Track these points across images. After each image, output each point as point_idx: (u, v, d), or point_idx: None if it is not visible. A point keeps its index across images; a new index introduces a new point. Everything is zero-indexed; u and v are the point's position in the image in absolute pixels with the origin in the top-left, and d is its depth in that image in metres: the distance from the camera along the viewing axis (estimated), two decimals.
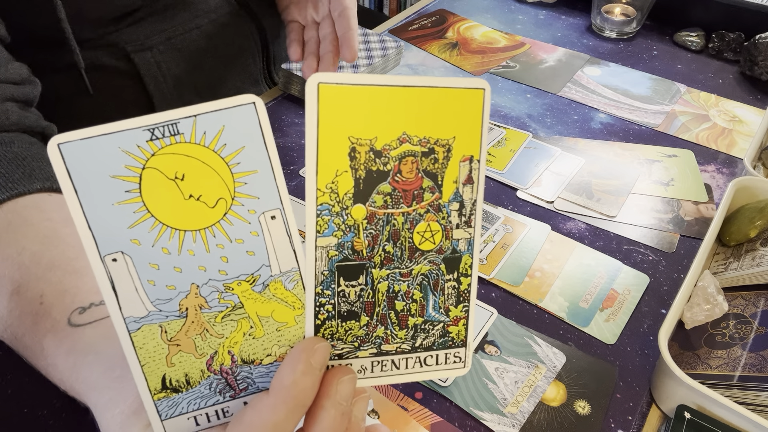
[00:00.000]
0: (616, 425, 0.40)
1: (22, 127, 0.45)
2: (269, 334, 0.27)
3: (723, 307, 0.44)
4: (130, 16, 0.61)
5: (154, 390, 0.26)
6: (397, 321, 0.29)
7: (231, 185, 0.25)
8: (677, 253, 0.53)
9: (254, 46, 0.73)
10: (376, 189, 0.27)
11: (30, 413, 0.40)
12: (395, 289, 0.28)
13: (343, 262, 0.27)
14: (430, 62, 0.80)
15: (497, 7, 0.94)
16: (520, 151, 0.64)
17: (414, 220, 0.28)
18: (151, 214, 0.24)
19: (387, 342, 0.29)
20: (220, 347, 0.27)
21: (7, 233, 0.37)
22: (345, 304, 0.28)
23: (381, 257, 0.28)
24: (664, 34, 0.87)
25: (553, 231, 0.55)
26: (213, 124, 0.24)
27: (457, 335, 0.30)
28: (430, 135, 0.27)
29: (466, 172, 0.28)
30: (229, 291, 0.26)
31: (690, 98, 0.74)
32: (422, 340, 0.29)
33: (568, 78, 0.77)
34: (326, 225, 0.26)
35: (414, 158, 0.27)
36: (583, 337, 0.46)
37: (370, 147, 0.26)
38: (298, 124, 0.67)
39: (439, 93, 0.26)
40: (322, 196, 0.26)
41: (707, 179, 0.62)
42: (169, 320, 0.26)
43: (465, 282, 0.29)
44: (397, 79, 0.26)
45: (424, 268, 0.28)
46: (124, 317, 0.25)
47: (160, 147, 0.24)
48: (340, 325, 0.28)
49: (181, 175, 0.24)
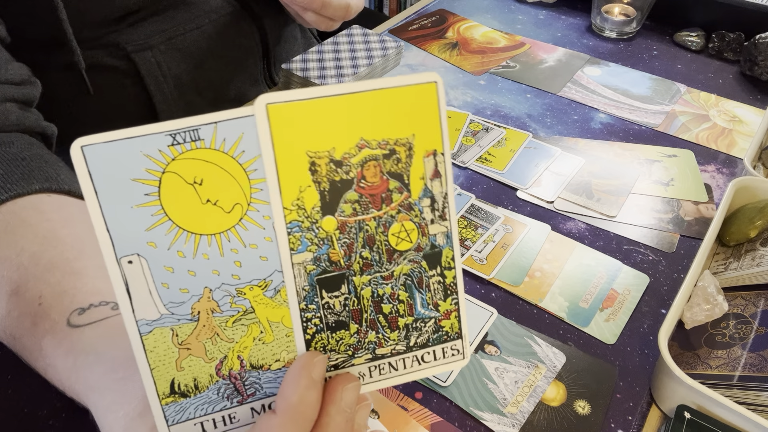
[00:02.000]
0: (616, 425, 0.41)
1: (22, 128, 0.45)
2: (278, 339, 0.27)
3: (723, 307, 0.44)
4: (131, 16, 0.61)
5: (163, 394, 0.26)
6: (387, 324, 0.29)
7: (247, 191, 0.25)
8: (677, 253, 0.53)
9: (255, 46, 0.73)
10: (342, 198, 0.27)
11: (30, 413, 0.40)
12: (380, 292, 0.28)
13: (322, 275, 0.27)
14: (430, 62, 0.80)
15: (497, 7, 0.94)
16: (520, 151, 0.64)
17: (387, 223, 0.28)
18: (168, 217, 0.25)
19: (380, 346, 0.29)
20: (230, 352, 0.27)
21: (5, 234, 0.37)
22: (332, 315, 0.28)
23: (360, 264, 0.28)
24: (664, 34, 0.87)
25: (553, 231, 0.55)
26: (233, 131, 0.24)
27: (451, 328, 0.30)
28: (389, 136, 0.27)
29: (432, 166, 0.28)
30: (241, 295, 0.26)
31: (690, 98, 0.74)
32: (416, 338, 0.29)
33: (568, 78, 0.77)
34: (299, 241, 0.26)
35: (376, 162, 0.27)
36: (583, 337, 0.46)
37: (330, 158, 0.26)
38: None
39: (390, 93, 0.26)
40: (290, 214, 0.26)
41: (707, 179, 0.62)
42: (181, 324, 0.26)
43: (449, 275, 0.29)
44: (345, 87, 0.26)
45: (406, 268, 0.28)
46: (136, 320, 0.25)
47: (180, 152, 0.24)
48: (330, 337, 0.28)
49: (200, 179, 0.24)
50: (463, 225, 0.55)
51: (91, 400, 0.31)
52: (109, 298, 0.36)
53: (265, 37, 0.73)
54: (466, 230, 0.54)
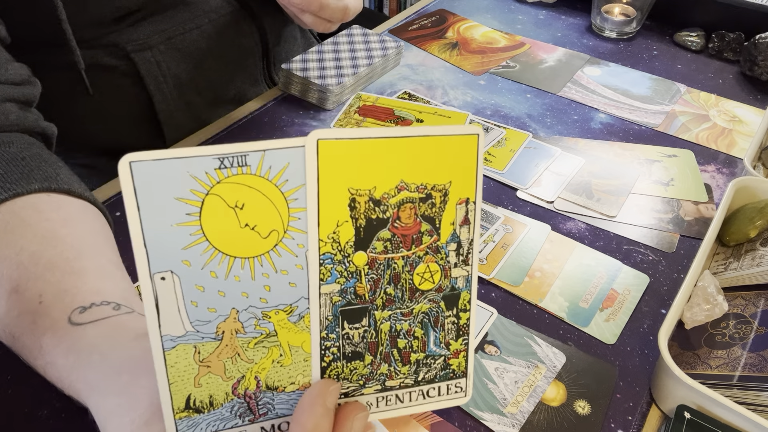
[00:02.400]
0: (616, 425, 0.40)
1: (21, 128, 0.45)
2: (296, 363, 0.28)
3: (723, 307, 0.44)
4: (131, 16, 0.61)
5: (177, 409, 0.27)
6: (400, 358, 0.30)
7: (286, 219, 0.26)
8: (677, 253, 0.53)
9: (255, 46, 0.73)
10: (376, 236, 0.28)
11: (30, 413, 0.40)
12: (397, 328, 0.29)
13: (346, 307, 0.28)
14: (430, 62, 0.80)
15: (497, 7, 0.94)
16: (520, 151, 0.64)
17: (413, 263, 0.29)
18: (206, 238, 0.25)
19: (391, 378, 0.30)
20: (248, 372, 0.28)
21: (5, 234, 0.37)
22: (349, 345, 0.29)
23: (383, 299, 0.29)
24: (664, 34, 0.87)
25: (553, 231, 0.55)
26: (279, 160, 0.25)
27: (458, 367, 0.31)
28: (427, 181, 0.28)
29: (463, 213, 0.29)
30: (266, 319, 0.27)
31: (690, 98, 0.74)
32: (424, 374, 0.30)
33: (568, 78, 0.77)
34: (329, 273, 0.27)
35: (412, 204, 0.28)
36: (583, 337, 0.46)
37: (370, 196, 0.27)
38: (298, 125, 0.67)
39: (434, 141, 0.27)
40: (325, 246, 0.27)
41: (707, 179, 0.62)
42: (204, 342, 0.26)
43: (464, 317, 0.30)
44: (393, 131, 0.27)
45: (425, 307, 0.30)
46: (161, 335, 0.26)
47: (226, 176, 0.25)
48: (345, 366, 0.29)
49: (241, 204, 0.25)
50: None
51: (92, 401, 0.31)
52: (110, 298, 0.36)
53: (265, 37, 0.73)
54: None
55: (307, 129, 0.66)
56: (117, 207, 0.53)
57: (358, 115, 0.69)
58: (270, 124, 0.67)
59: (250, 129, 0.66)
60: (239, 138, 0.65)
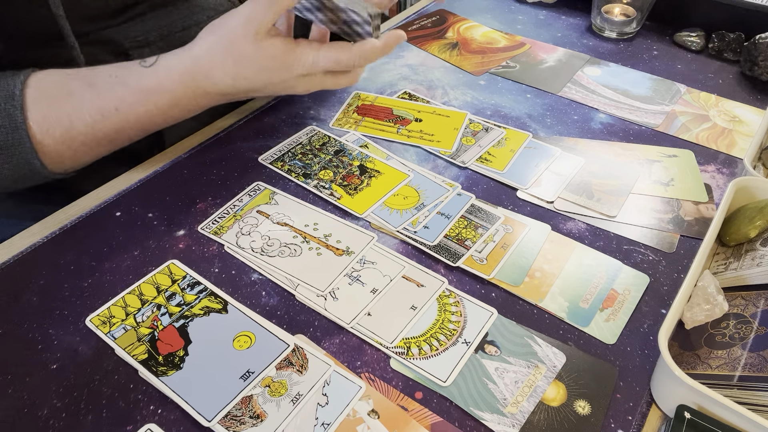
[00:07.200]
0: (616, 425, 0.41)
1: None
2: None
3: (723, 307, 0.44)
4: (129, 10, 0.61)
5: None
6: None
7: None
8: (677, 253, 0.53)
9: None
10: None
11: (30, 413, 0.40)
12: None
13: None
14: (430, 62, 0.80)
15: (497, 7, 0.94)
16: (520, 151, 0.64)
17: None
18: None
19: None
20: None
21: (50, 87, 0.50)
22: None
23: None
24: (664, 34, 0.87)
25: (553, 231, 0.55)
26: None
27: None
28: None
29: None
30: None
31: (690, 98, 0.74)
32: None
33: (568, 78, 0.77)
34: None
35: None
36: (583, 337, 0.46)
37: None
38: (298, 125, 0.67)
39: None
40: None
41: (707, 179, 0.62)
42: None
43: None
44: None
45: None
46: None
47: None
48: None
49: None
50: (463, 225, 0.55)
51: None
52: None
53: None
54: (466, 230, 0.54)
55: (306, 128, 0.66)
56: (117, 207, 0.53)
57: (357, 114, 0.69)
58: (270, 123, 0.67)
59: (250, 129, 0.66)
60: (239, 138, 0.65)
